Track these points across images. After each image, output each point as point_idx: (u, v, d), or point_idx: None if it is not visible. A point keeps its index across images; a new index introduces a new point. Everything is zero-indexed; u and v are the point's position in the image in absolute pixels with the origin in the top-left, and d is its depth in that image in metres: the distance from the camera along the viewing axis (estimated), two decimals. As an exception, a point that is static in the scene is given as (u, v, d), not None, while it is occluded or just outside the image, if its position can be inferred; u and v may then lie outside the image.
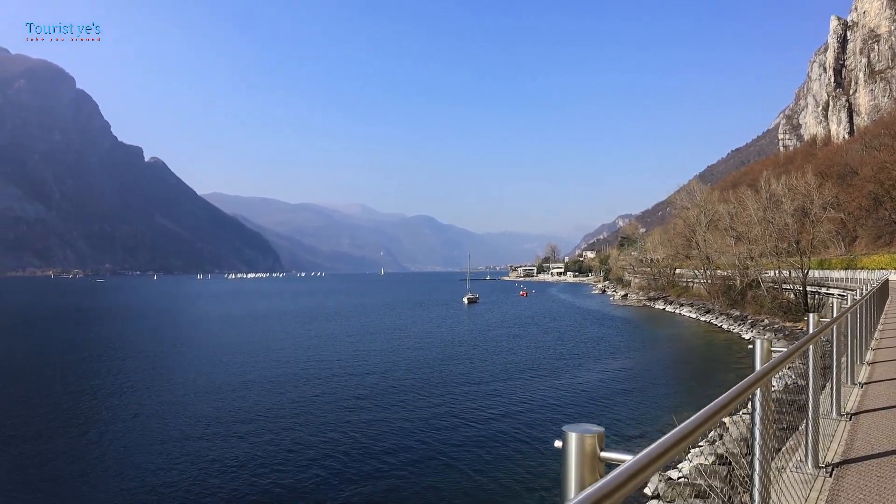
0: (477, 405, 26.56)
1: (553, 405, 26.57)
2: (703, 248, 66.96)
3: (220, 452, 20.23)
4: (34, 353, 44.96)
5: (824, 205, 49.51)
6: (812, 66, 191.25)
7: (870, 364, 12.35)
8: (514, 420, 23.87)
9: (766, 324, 50.24)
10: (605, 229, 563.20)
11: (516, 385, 30.96)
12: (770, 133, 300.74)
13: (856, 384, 10.20)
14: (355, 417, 24.71)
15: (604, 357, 40.38)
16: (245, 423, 24.05)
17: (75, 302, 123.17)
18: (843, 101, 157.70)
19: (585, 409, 25.69)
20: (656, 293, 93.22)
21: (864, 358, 12.36)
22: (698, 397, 27.07)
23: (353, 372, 35.39)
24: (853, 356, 10.44)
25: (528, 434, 21.84)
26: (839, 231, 71.03)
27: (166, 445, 21.15)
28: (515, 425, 23.05)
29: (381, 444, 20.93)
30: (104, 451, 20.94)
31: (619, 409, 25.72)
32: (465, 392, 29.44)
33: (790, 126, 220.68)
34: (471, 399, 27.83)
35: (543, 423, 23.31)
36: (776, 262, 52.48)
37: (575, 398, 27.89)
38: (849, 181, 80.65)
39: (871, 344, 14.55)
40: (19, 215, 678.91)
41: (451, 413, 25.27)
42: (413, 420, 24.08)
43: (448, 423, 23.59)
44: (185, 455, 20.04)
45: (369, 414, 25.25)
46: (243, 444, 21.10)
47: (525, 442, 20.93)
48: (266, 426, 23.48)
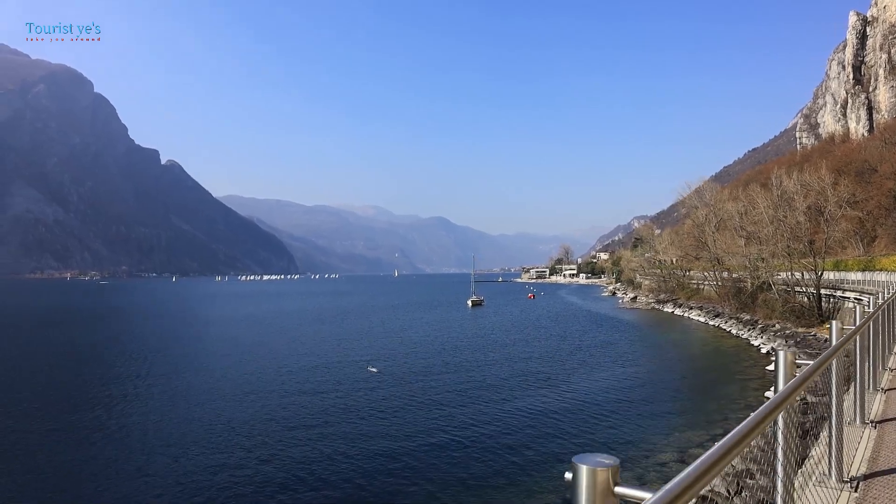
0: (465, 421, 24.57)
1: (546, 423, 24.26)
2: (712, 249, 63.98)
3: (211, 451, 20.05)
4: (71, 353, 43.54)
5: (840, 202, 46.47)
6: (830, 64, 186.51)
7: (892, 370, 12.04)
8: (502, 441, 21.65)
9: (777, 329, 47.35)
10: (621, 230, 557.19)
11: (505, 399, 28.74)
12: (787, 133, 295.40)
13: (878, 390, 9.96)
14: (323, 433, 22.61)
15: (601, 367, 37.75)
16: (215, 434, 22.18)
17: (98, 303, 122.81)
18: (862, 98, 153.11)
19: (575, 427, 23.35)
20: (666, 296, 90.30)
21: (886, 363, 11.98)
22: (699, 414, 24.71)
23: (334, 382, 33.30)
24: (876, 361, 10.05)
25: (521, 456, 19.71)
26: (857, 231, 67.71)
27: (167, 449, 20.58)
28: (504, 446, 20.93)
29: (343, 470, 18.75)
30: (124, 447, 21.45)
31: (606, 431, 23.26)
32: (452, 405, 27.42)
33: (808, 125, 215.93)
34: (458, 414, 25.79)
35: (534, 442, 21.24)
36: (788, 264, 49.52)
37: (567, 415, 25.52)
38: (867, 179, 77.08)
39: (895, 349, 14.08)
40: (38, 217, 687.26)
41: (439, 429, 23.29)
42: (391, 446, 21.53)
43: (434, 443, 21.49)
44: (185, 455, 20.06)
45: (341, 428, 23.26)
46: (223, 447, 19.47)
47: (518, 465, 18.91)
48: (212, 441, 21.60)
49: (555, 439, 21.69)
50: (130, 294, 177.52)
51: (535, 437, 21.98)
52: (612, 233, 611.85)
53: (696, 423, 23.50)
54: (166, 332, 62.50)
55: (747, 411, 24.52)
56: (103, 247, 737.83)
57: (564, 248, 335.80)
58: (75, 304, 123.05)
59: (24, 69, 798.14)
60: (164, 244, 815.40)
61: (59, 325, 71.59)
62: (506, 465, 18.89)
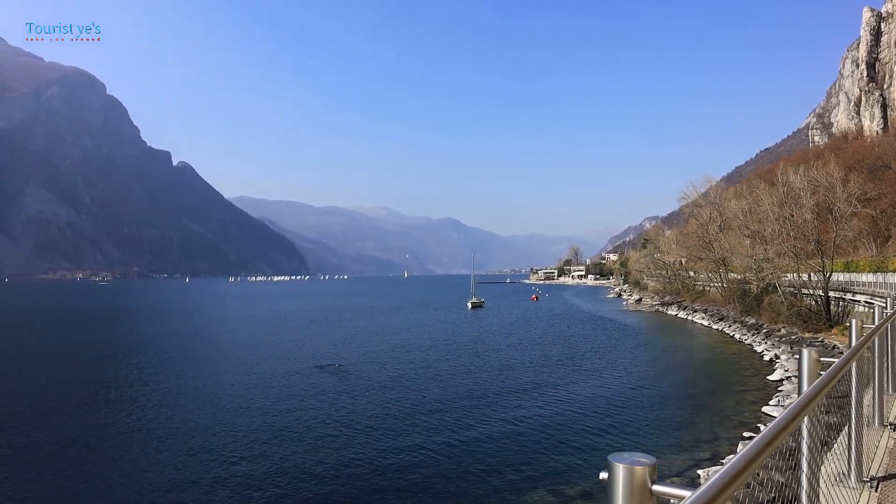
0: (454, 427, 23.24)
1: (521, 437, 22.22)
2: (716, 249, 61.14)
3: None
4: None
5: (850, 198, 43.61)
6: (844, 63, 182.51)
7: None
8: (478, 455, 19.83)
9: (782, 334, 44.59)
10: (632, 231, 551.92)
11: (480, 407, 26.84)
12: (800, 133, 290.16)
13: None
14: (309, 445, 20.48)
15: (588, 377, 34.85)
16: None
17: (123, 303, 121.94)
18: (876, 95, 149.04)
19: (553, 445, 21.05)
20: (671, 298, 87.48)
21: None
22: (687, 432, 22.13)
23: (295, 387, 31.26)
24: (894, 364, 9.82)
25: (491, 475, 17.46)
26: (870, 230, 64.68)
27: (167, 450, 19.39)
28: (478, 460, 19.31)
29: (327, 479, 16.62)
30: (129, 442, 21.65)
31: (578, 452, 20.88)
32: (440, 409, 26.19)
33: (821, 124, 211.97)
34: (445, 421, 24.35)
35: (508, 458, 19.53)
36: (795, 265, 46.69)
37: (548, 427, 23.38)
38: (881, 176, 73.86)
39: None
40: (51, 219, 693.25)
41: (427, 439, 21.71)
42: (378, 459, 19.76)
43: (422, 449, 20.13)
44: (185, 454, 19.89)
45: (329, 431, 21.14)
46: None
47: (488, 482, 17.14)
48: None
49: (524, 454, 19.92)
50: (124, 296, 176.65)
51: (510, 453, 20.17)
52: (623, 234, 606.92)
53: (682, 444, 20.96)
54: (166, 333, 60.94)
55: (740, 430, 22.02)
56: (115, 248, 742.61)
57: (573, 248, 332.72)
58: (47, 307, 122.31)
59: (39, 72, 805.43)
60: (175, 245, 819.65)
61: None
62: (481, 481, 16.76)
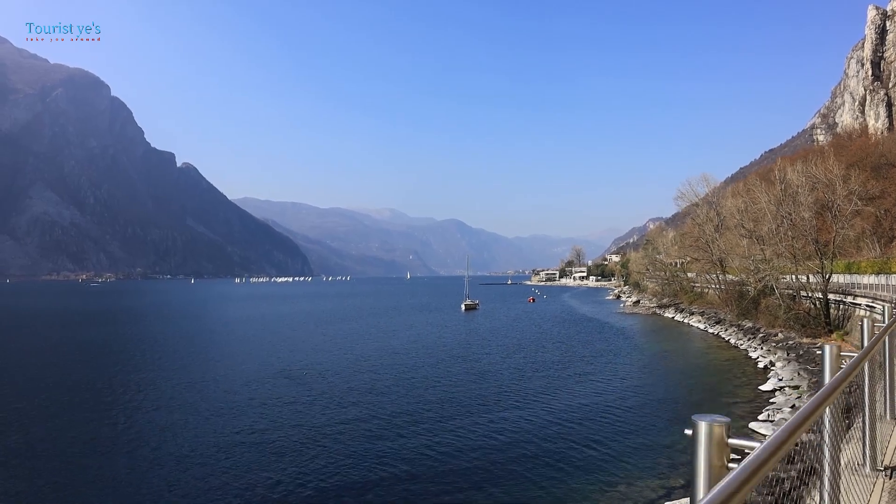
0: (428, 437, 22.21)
1: (492, 445, 21.20)
2: (712, 250, 58.97)
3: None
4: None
5: (850, 196, 41.40)
6: (849, 63, 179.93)
7: None
8: (448, 466, 18.27)
9: (779, 339, 42.42)
10: (636, 232, 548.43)
11: (455, 417, 25.39)
12: (805, 133, 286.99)
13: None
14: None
15: (567, 385, 32.73)
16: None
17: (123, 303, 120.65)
18: (881, 94, 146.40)
19: (527, 462, 19.19)
20: (669, 300, 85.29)
21: None
22: (666, 454, 20.11)
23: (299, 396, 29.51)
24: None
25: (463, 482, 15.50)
26: (874, 230, 62.30)
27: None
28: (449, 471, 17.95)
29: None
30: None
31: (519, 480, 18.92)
32: (408, 413, 25.16)
33: (826, 125, 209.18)
34: (422, 429, 23.30)
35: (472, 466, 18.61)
36: (793, 266, 44.49)
37: (511, 439, 21.65)
38: (885, 174, 71.41)
39: None
40: (55, 220, 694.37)
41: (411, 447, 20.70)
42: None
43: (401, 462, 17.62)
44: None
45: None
46: None
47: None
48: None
49: (495, 464, 18.93)
50: (116, 297, 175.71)
51: (477, 464, 19.18)
52: (627, 235, 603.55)
53: (657, 468, 18.89)
54: (161, 335, 59.27)
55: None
56: (119, 249, 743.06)
57: (576, 249, 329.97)
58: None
59: (44, 73, 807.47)
60: (179, 246, 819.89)
61: None
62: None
